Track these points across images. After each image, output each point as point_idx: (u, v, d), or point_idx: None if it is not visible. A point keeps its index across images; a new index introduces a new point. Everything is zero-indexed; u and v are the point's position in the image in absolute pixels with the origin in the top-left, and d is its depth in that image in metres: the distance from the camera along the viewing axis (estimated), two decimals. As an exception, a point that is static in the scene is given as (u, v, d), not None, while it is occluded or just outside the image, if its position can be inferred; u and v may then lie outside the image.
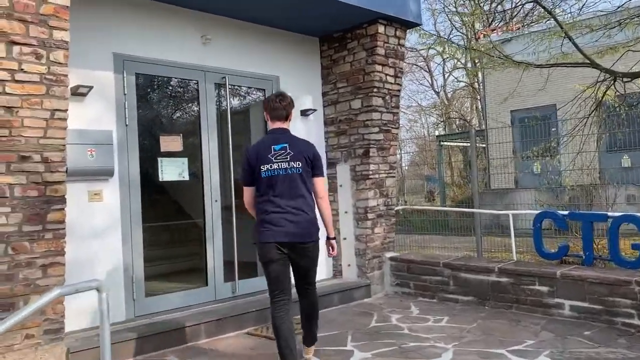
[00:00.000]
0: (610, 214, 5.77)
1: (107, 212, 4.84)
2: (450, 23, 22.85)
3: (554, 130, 11.45)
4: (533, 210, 6.96)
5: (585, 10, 8.55)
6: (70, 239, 4.22)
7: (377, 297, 6.31)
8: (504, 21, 19.75)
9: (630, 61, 7.67)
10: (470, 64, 22.22)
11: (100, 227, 4.78)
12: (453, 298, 5.84)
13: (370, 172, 6.31)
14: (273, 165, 3.67)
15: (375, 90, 6.21)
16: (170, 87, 5.76)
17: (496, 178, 14.07)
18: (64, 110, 3.89)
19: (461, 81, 27.39)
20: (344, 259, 6.55)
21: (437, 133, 27.30)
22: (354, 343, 4.58)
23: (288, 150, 3.71)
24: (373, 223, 6.39)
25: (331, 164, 6.66)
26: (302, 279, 3.89)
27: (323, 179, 3.93)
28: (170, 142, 5.38)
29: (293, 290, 3.86)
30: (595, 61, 6.96)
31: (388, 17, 6.07)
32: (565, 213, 5.97)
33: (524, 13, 19.21)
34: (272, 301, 3.76)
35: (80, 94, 4.63)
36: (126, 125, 5.01)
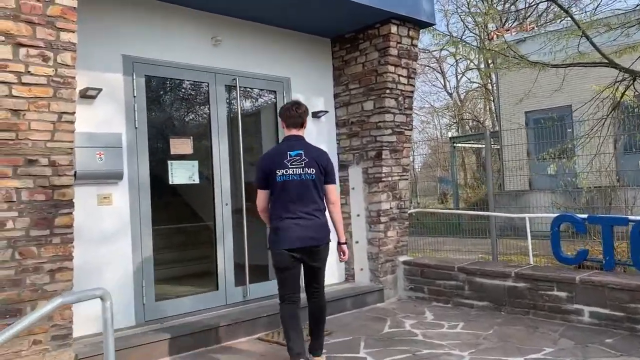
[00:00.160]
0: (632, 217, 5.62)
1: (117, 215, 4.79)
2: (463, 24, 22.73)
3: (569, 132, 11.25)
4: (551, 214, 6.80)
5: (600, 10, 8.39)
6: (79, 242, 4.17)
7: (391, 301, 6.20)
8: (517, 21, 19.58)
9: (650, 60, 7.47)
10: (483, 65, 22.03)
11: (110, 231, 4.73)
12: (468, 303, 5.72)
13: (383, 174, 6.20)
14: (288, 170, 3.82)
15: (388, 91, 6.10)
16: (180, 89, 5.71)
17: (510, 180, 13.90)
18: (72, 113, 3.83)
19: (474, 82, 27.19)
20: (356, 262, 6.44)
21: (450, 134, 27.11)
22: (367, 350, 4.48)
23: (303, 157, 3.87)
24: (386, 226, 6.28)
25: (343, 166, 6.56)
26: (312, 279, 4.01)
27: (335, 186, 4.07)
28: (181, 145, 5.34)
29: (302, 295, 3.97)
30: (613, 60, 6.80)
31: (401, 16, 5.97)
32: (584, 216, 5.83)
33: (538, 13, 19.03)
34: (282, 302, 3.91)
35: (89, 97, 4.58)
36: (136, 127, 4.95)
